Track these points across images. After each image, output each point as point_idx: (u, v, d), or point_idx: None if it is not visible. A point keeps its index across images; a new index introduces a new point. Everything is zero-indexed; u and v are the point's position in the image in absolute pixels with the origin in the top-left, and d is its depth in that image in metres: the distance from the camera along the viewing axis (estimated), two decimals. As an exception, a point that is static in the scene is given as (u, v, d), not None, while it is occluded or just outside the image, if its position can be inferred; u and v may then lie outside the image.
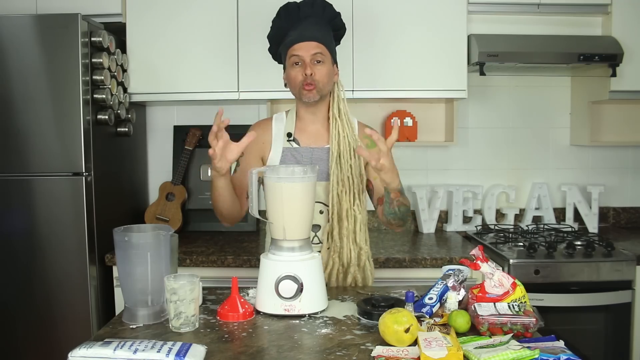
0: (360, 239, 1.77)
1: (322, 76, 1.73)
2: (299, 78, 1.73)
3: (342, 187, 1.74)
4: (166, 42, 2.53)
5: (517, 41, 2.59)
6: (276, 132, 1.82)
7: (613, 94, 2.59)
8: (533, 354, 1.12)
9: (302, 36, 1.73)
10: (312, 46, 1.72)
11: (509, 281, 1.39)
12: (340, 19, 1.85)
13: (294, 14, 1.78)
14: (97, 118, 2.29)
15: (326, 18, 1.80)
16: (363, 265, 1.78)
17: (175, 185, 2.78)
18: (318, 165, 1.76)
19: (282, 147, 1.80)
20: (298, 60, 1.73)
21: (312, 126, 1.82)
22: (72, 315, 2.21)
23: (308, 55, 1.72)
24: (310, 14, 1.77)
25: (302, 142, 1.81)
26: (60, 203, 2.19)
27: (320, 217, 1.77)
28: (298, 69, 1.73)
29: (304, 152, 1.79)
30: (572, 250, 2.33)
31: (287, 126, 1.82)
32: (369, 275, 1.80)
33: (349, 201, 1.74)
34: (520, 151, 2.97)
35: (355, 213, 1.75)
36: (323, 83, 1.74)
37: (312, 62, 1.72)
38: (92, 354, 1.12)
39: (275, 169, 1.54)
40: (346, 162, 1.76)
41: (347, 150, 1.76)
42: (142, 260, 1.39)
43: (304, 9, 1.78)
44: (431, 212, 2.86)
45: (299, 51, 1.72)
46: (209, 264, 2.26)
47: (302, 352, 1.22)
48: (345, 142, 1.77)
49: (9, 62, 2.16)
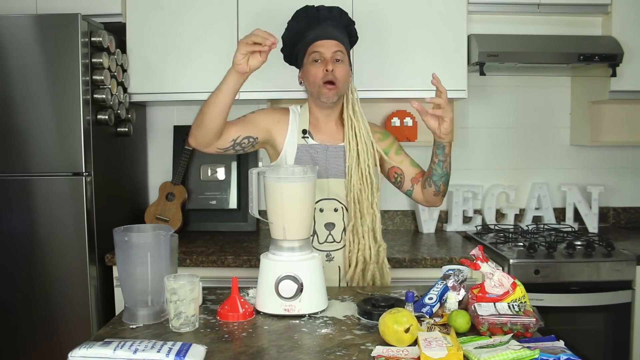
0: (380, 236, 1.82)
1: (342, 75, 1.76)
2: (319, 75, 1.74)
3: (360, 185, 1.77)
4: (166, 42, 2.53)
5: (517, 41, 2.59)
6: (292, 126, 1.83)
7: (613, 94, 2.59)
8: (533, 354, 1.12)
9: (323, 34, 1.76)
10: (333, 44, 1.75)
11: (509, 281, 1.39)
12: (353, 28, 1.90)
13: (314, 16, 1.82)
14: (97, 118, 2.29)
15: (343, 23, 1.85)
16: (382, 263, 1.83)
17: (175, 185, 2.78)
18: (334, 162, 1.79)
19: (297, 143, 1.81)
20: (319, 57, 1.75)
21: (326, 125, 1.84)
22: (72, 315, 2.21)
23: (329, 52, 1.74)
24: (328, 17, 1.81)
25: (317, 139, 1.82)
26: (60, 203, 2.19)
27: (335, 215, 1.78)
28: (319, 65, 1.75)
29: (319, 148, 1.81)
30: (572, 250, 2.33)
31: (302, 122, 1.83)
32: (387, 272, 1.84)
33: (367, 198, 1.78)
34: (520, 151, 2.97)
35: (374, 211, 1.79)
36: (343, 82, 1.77)
37: (332, 59, 1.74)
38: (92, 354, 1.12)
39: (275, 169, 1.54)
40: (364, 161, 1.78)
41: (365, 150, 1.79)
42: (142, 260, 1.39)
43: (323, 12, 1.82)
44: (431, 212, 2.86)
45: (320, 48, 1.75)
46: (209, 264, 2.26)
47: (302, 352, 1.22)
48: (362, 141, 1.79)
49: (9, 62, 2.16)
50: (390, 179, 1.88)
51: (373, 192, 1.79)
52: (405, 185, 1.85)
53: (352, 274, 1.78)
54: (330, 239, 1.78)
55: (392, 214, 2.96)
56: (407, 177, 1.84)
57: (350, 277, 1.79)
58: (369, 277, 1.80)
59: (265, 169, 1.54)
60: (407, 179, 1.84)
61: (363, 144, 1.79)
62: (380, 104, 2.87)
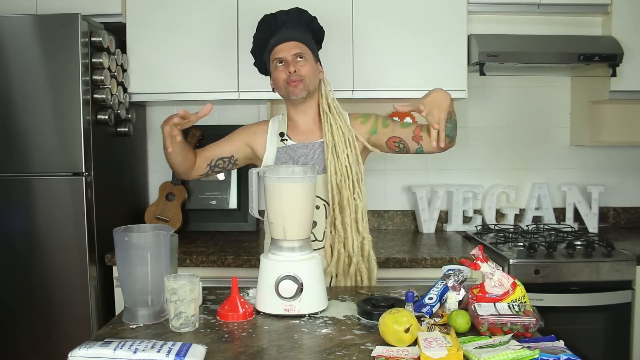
0: (363, 228, 1.80)
1: (307, 71, 1.78)
2: (282, 77, 1.79)
3: (340, 177, 1.77)
4: (166, 42, 2.53)
5: (517, 41, 2.59)
6: (271, 133, 1.87)
7: (613, 94, 2.59)
8: (533, 354, 1.12)
9: (281, 38, 1.80)
10: (292, 46, 1.78)
11: (509, 281, 1.39)
12: (316, 23, 1.91)
13: (272, 24, 1.85)
14: (97, 118, 2.28)
15: (303, 22, 1.86)
16: (367, 255, 1.80)
17: (175, 185, 2.78)
18: (314, 158, 1.80)
19: (277, 146, 1.83)
20: (281, 62, 1.79)
21: (304, 124, 1.86)
22: (72, 315, 2.21)
23: (289, 54, 1.78)
24: (287, 20, 1.84)
25: (295, 139, 1.84)
26: (60, 203, 2.19)
27: (317, 213, 1.77)
28: (281, 68, 1.79)
29: (298, 148, 1.82)
30: (572, 250, 2.33)
31: (280, 127, 1.87)
32: (374, 265, 1.82)
33: (348, 189, 1.77)
34: (520, 151, 2.97)
35: (356, 202, 1.78)
36: (309, 77, 1.79)
37: (294, 60, 1.78)
38: (92, 354, 1.12)
39: (275, 169, 1.54)
40: (342, 152, 1.78)
41: (342, 141, 1.79)
42: (142, 260, 1.39)
43: (280, 17, 1.85)
44: (431, 212, 2.86)
45: (280, 53, 1.79)
46: (209, 264, 2.26)
47: (302, 352, 1.22)
48: (339, 132, 1.80)
49: (9, 62, 2.16)
50: (395, 150, 1.84)
51: (354, 182, 1.77)
52: (410, 147, 1.81)
53: (334, 267, 1.76)
54: (312, 238, 1.76)
55: (392, 214, 2.96)
56: (407, 139, 1.80)
57: (333, 270, 1.76)
58: (352, 270, 1.77)
59: (265, 169, 1.54)
60: (409, 141, 1.80)
61: (340, 134, 1.79)
62: (380, 104, 2.87)
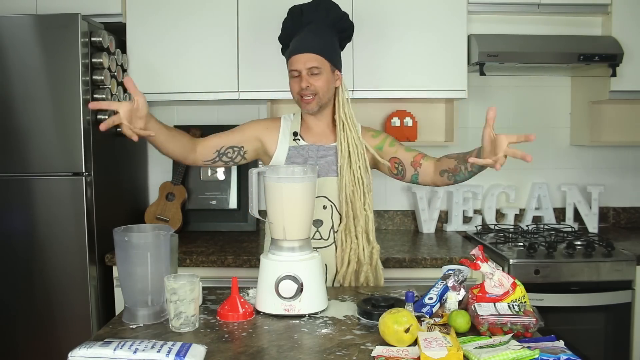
0: (373, 237, 1.82)
1: (320, 86, 1.76)
2: (296, 89, 1.79)
3: (353, 187, 1.78)
4: (166, 42, 2.53)
5: (517, 41, 2.59)
6: (283, 131, 1.86)
7: (613, 94, 2.59)
8: (533, 354, 1.12)
9: (298, 48, 1.76)
10: (308, 58, 1.75)
11: (509, 281, 1.39)
12: (346, 20, 1.87)
13: (297, 19, 1.82)
14: (97, 118, 2.28)
15: (329, 22, 1.82)
16: (375, 265, 1.83)
17: (175, 185, 2.78)
18: (324, 160, 1.80)
19: (289, 145, 1.83)
20: (296, 74, 1.77)
21: (317, 127, 1.86)
22: (72, 315, 2.21)
23: (304, 68, 1.75)
24: (313, 18, 1.80)
25: (308, 140, 1.84)
26: (60, 203, 2.19)
27: (324, 213, 1.78)
28: (296, 80, 1.78)
29: (310, 149, 1.82)
30: (572, 250, 2.33)
31: (293, 126, 1.86)
32: (381, 274, 1.85)
33: (360, 199, 1.78)
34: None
35: (367, 212, 1.80)
36: (323, 92, 1.77)
37: (308, 74, 1.75)
38: (92, 354, 1.12)
39: (275, 169, 1.54)
40: (355, 163, 1.79)
41: (355, 152, 1.80)
42: (142, 260, 1.39)
43: (307, 14, 1.81)
44: (431, 212, 2.86)
45: (296, 64, 1.76)
46: (209, 264, 2.26)
47: (302, 352, 1.22)
48: (354, 143, 1.80)
49: (9, 62, 2.16)
50: (393, 172, 1.85)
51: (365, 193, 1.80)
52: (408, 172, 1.82)
53: (344, 273, 1.78)
54: (318, 236, 1.77)
55: (392, 214, 2.96)
56: (406, 163, 1.82)
57: (342, 276, 1.78)
58: (362, 278, 1.80)
59: (265, 169, 1.54)
60: (407, 165, 1.82)
61: (354, 145, 1.80)
62: (381, 104, 2.87)
